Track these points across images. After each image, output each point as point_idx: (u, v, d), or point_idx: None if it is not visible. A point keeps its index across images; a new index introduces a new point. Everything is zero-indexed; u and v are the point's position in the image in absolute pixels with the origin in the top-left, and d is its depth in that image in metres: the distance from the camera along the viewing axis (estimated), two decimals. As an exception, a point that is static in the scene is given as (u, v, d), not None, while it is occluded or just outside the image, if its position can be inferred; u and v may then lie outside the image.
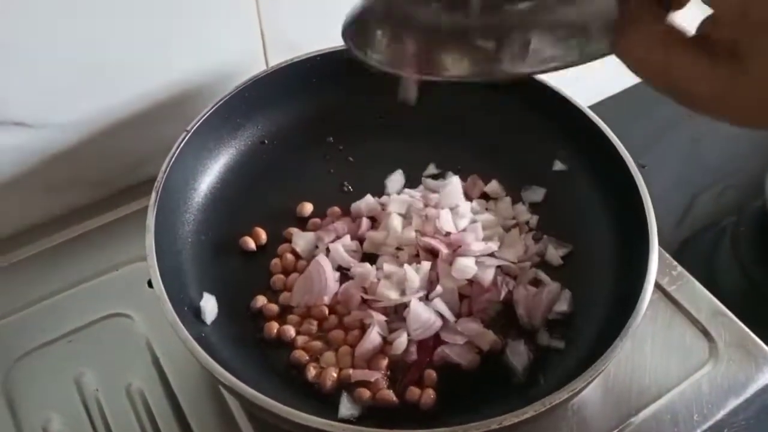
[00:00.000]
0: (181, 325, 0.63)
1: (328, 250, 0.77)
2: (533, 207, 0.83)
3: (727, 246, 1.17)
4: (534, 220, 0.81)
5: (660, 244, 0.70)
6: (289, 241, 0.79)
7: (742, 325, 0.79)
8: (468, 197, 0.83)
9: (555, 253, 0.78)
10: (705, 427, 0.72)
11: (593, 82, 1.15)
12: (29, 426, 0.72)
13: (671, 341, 0.78)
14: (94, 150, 0.85)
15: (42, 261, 0.84)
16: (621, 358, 0.72)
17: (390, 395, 0.67)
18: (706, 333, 0.79)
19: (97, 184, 0.89)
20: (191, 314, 0.71)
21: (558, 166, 0.85)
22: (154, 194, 0.71)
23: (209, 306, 0.72)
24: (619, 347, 0.62)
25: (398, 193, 0.83)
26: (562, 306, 0.73)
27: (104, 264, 0.83)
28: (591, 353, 0.64)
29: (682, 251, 1.15)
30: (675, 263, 0.84)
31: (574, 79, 0.84)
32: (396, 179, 0.86)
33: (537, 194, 0.83)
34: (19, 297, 0.80)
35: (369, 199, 0.81)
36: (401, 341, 0.69)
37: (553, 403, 0.58)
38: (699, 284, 0.83)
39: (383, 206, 0.81)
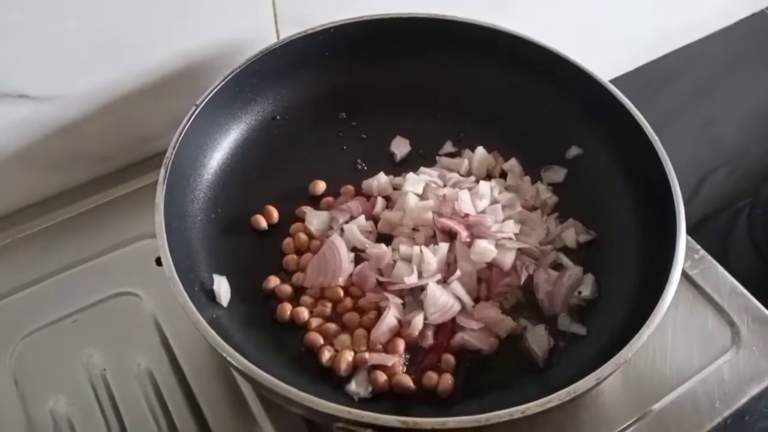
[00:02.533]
0: (193, 306, 0.61)
1: (342, 229, 0.75)
2: (554, 188, 0.81)
3: (742, 228, 1.15)
4: (553, 200, 0.79)
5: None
6: (302, 220, 0.77)
7: (765, 310, 0.77)
8: (488, 175, 0.81)
9: (572, 235, 0.76)
10: (726, 414, 0.71)
11: (604, 61, 1.12)
12: (36, 406, 0.70)
13: (693, 327, 0.76)
14: (101, 124, 0.83)
15: (47, 238, 0.82)
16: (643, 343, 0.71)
17: (407, 380, 0.66)
18: (728, 318, 0.77)
19: (104, 159, 0.87)
20: (202, 295, 0.69)
21: (574, 151, 0.82)
22: (163, 170, 0.69)
23: (223, 288, 0.70)
24: (645, 335, 0.60)
25: (405, 157, 0.82)
26: (585, 291, 0.71)
27: (111, 241, 0.81)
28: (615, 340, 0.62)
29: (695, 233, 1.13)
30: (697, 246, 0.82)
31: (586, 57, 0.82)
32: (400, 143, 0.84)
33: (558, 174, 0.81)
34: (24, 275, 0.78)
35: (382, 177, 0.79)
36: (417, 321, 0.68)
37: (578, 392, 0.57)
38: (721, 268, 0.81)
39: (396, 187, 0.78)
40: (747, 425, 0.72)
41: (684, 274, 0.79)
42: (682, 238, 0.66)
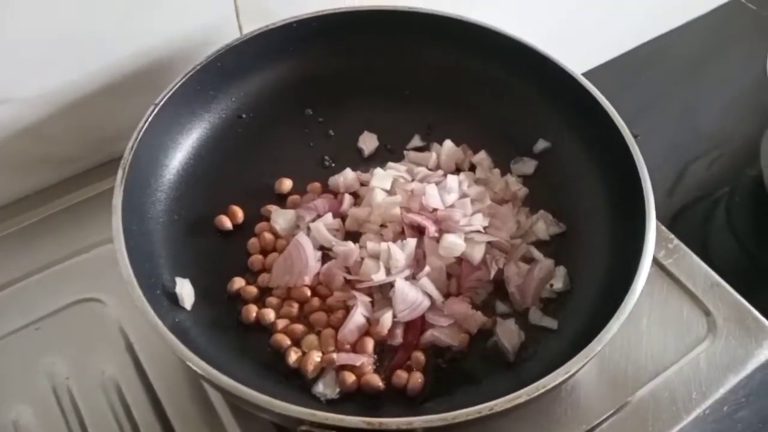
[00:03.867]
0: (151, 310, 0.59)
1: (308, 228, 0.73)
2: (524, 180, 0.79)
3: (721, 217, 1.15)
4: (523, 192, 0.78)
5: (653, 215, 0.67)
6: (268, 219, 0.75)
7: (741, 299, 0.76)
8: (457, 168, 0.79)
9: (543, 228, 0.74)
10: (704, 405, 0.69)
11: (581, 51, 1.11)
12: (-2, 418, 0.68)
13: (668, 317, 0.75)
14: (61, 125, 0.81)
15: (8, 244, 0.80)
16: (616, 335, 0.70)
17: (376, 380, 0.64)
18: (704, 308, 0.76)
19: (65, 161, 0.85)
20: (165, 299, 0.67)
21: (542, 145, 0.81)
22: (120, 172, 0.67)
23: (186, 290, 0.68)
24: (615, 327, 0.59)
25: (373, 152, 0.80)
26: (557, 283, 0.70)
27: (73, 246, 0.79)
28: (586, 333, 0.61)
29: (674, 222, 1.12)
30: (671, 236, 0.81)
31: (561, 48, 0.81)
32: (368, 138, 0.82)
33: (528, 166, 0.80)
34: (-18, 283, 0.76)
35: (348, 174, 0.78)
36: (386, 319, 0.66)
37: (546, 387, 0.55)
38: (696, 257, 0.80)
39: (364, 183, 0.77)
40: (726, 416, 0.71)
41: (658, 263, 0.78)
42: (652, 228, 0.65)
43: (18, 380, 0.70)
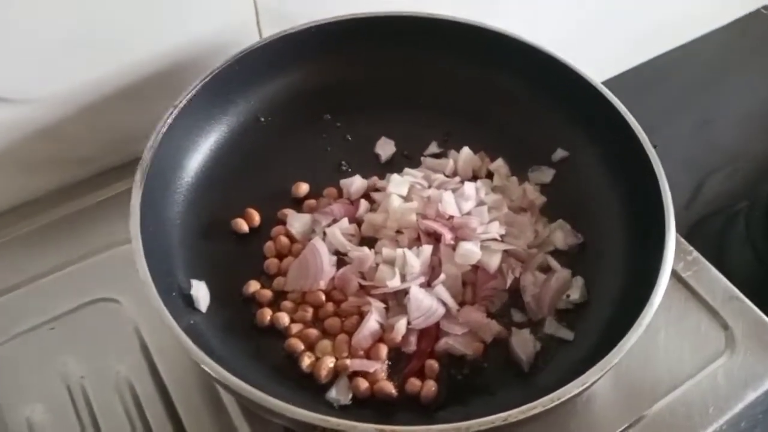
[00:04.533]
0: (167, 312, 0.59)
1: (324, 233, 0.73)
2: (541, 188, 0.79)
3: (740, 230, 1.14)
4: (541, 200, 0.77)
5: (670, 227, 0.66)
6: (284, 223, 0.75)
7: (761, 314, 0.75)
8: (474, 176, 0.79)
9: (561, 237, 0.74)
10: (721, 421, 0.68)
11: (598, 61, 1.11)
12: (12, 416, 0.68)
13: (686, 330, 0.74)
14: (79, 126, 0.81)
15: (25, 243, 0.80)
16: (633, 348, 0.69)
17: (389, 387, 0.64)
18: (722, 322, 0.75)
19: (82, 162, 0.85)
20: (180, 301, 0.67)
21: (560, 154, 0.80)
22: (139, 174, 0.67)
23: (201, 293, 0.68)
24: (633, 339, 0.58)
25: (390, 158, 0.80)
26: (574, 294, 0.69)
27: (90, 246, 0.79)
28: (602, 345, 0.60)
29: (692, 235, 1.11)
30: (690, 248, 0.80)
31: (580, 56, 0.80)
32: (385, 144, 0.82)
33: (546, 175, 0.79)
34: (1, 281, 0.76)
35: (357, 180, 0.77)
36: (400, 326, 0.66)
37: (562, 398, 0.55)
38: (715, 270, 0.79)
39: (380, 189, 0.77)
40: None
41: (676, 276, 0.78)
42: (671, 240, 0.64)
43: (33, 378, 0.71)
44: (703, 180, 1.19)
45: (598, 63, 1.07)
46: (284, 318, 0.68)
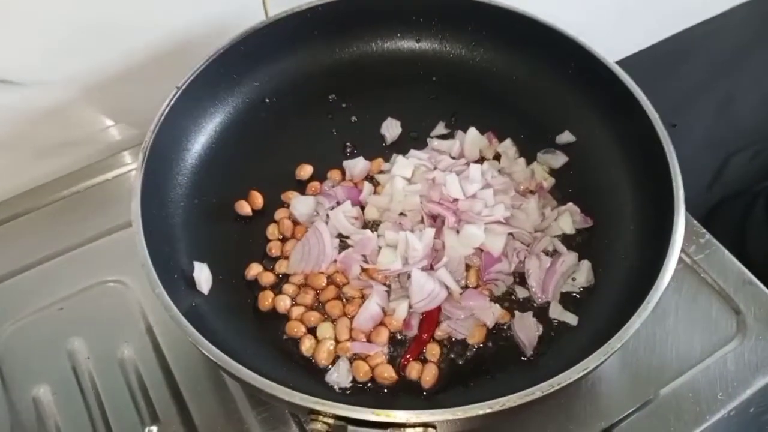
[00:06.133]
0: (167, 296, 0.59)
1: (327, 215, 0.72)
2: (551, 171, 0.77)
3: (760, 212, 1.11)
4: (550, 182, 0.75)
5: (688, 209, 0.64)
6: (287, 205, 0.75)
7: (774, 298, 0.74)
8: (482, 157, 0.78)
9: (569, 221, 0.72)
10: (730, 407, 0.67)
11: (618, 39, 1.08)
12: (20, 395, 0.70)
13: (696, 314, 0.73)
14: (88, 108, 0.82)
15: (33, 226, 0.81)
16: (641, 330, 0.68)
17: (389, 370, 0.63)
18: (734, 306, 0.73)
19: (89, 145, 0.85)
20: (183, 283, 0.67)
21: (567, 137, 0.78)
22: (141, 155, 0.67)
23: (204, 275, 0.68)
24: (636, 324, 0.57)
25: (396, 139, 0.79)
26: (580, 278, 0.68)
27: (97, 228, 0.80)
28: (606, 330, 0.59)
29: (711, 217, 1.09)
30: (703, 230, 0.78)
31: (599, 36, 0.78)
32: (392, 125, 0.81)
33: (555, 158, 0.77)
34: (8, 263, 0.78)
35: (360, 162, 0.77)
36: (402, 308, 0.65)
37: (561, 384, 0.54)
38: (728, 253, 0.77)
39: (384, 171, 0.76)
40: (752, 418, 0.69)
41: (688, 258, 0.76)
42: (681, 223, 0.62)
43: (40, 358, 0.72)
44: (725, 161, 1.16)
45: (618, 40, 1.04)
46: (286, 301, 0.68)
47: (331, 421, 0.54)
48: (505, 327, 0.67)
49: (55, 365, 0.71)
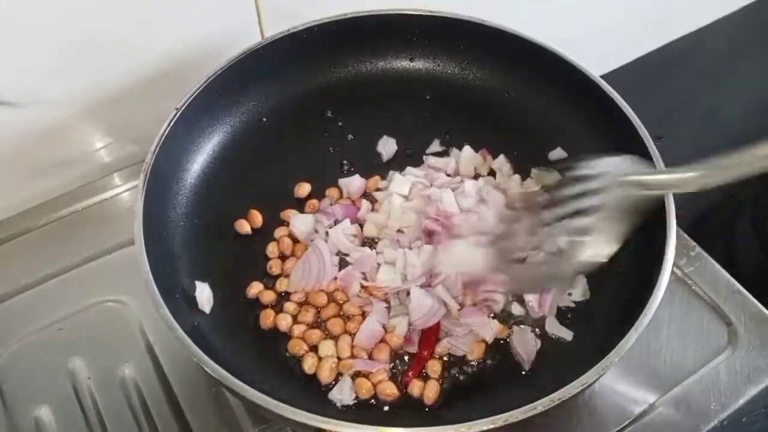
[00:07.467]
0: (170, 315, 0.60)
1: (326, 233, 0.73)
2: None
3: (746, 222, 1.13)
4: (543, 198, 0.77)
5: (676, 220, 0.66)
6: (287, 223, 0.75)
7: (763, 309, 0.75)
8: (477, 174, 0.79)
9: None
10: (723, 416, 0.69)
11: (604, 52, 1.10)
12: (21, 416, 0.70)
13: (688, 326, 0.74)
14: (83, 128, 0.82)
15: (31, 246, 0.81)
16: (635, 344, 0.69)
17: (391, 387, 0.64)
18: (725, 317, 0.75)
19: (86, 164, 0.86)
20: (184, 302, 0.68)
21: (558, 153, 0.80)
22: (142, 177, 0.68)
23: (205, 295, 0.69)
24: (632, 339, 0.58)
25: (392, 157, 0.80)
26: (576, 293, 0.69)
27: (96, 248, 0.80)
28: (603, 343, 0.60)
29: (698, 226, 1.10)
30: (693, 243, 0.80)
31: (583, 49, 0.80)
32: (387, 143, 0.82)
33: (549, 177, 0.78)
34: (7, 284, 0.78)
35: (357, 180, 0.78)
36: (402, 326, 0.66)
37: (562, 398, 0.55)
38: (718, 265, 0.79)
39: (381, 189, 0.77)
40: (744, 427, 0.70)
41: (679, 271, 0.78)
42: (672, 239, 0.64)
43: (40, 379, 0.72)
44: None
45: (602, 54, 1.06)
46: (287, 319, 0.69)
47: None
48: (502, 342, 0.68)
49: (55, 385, 0.71)
